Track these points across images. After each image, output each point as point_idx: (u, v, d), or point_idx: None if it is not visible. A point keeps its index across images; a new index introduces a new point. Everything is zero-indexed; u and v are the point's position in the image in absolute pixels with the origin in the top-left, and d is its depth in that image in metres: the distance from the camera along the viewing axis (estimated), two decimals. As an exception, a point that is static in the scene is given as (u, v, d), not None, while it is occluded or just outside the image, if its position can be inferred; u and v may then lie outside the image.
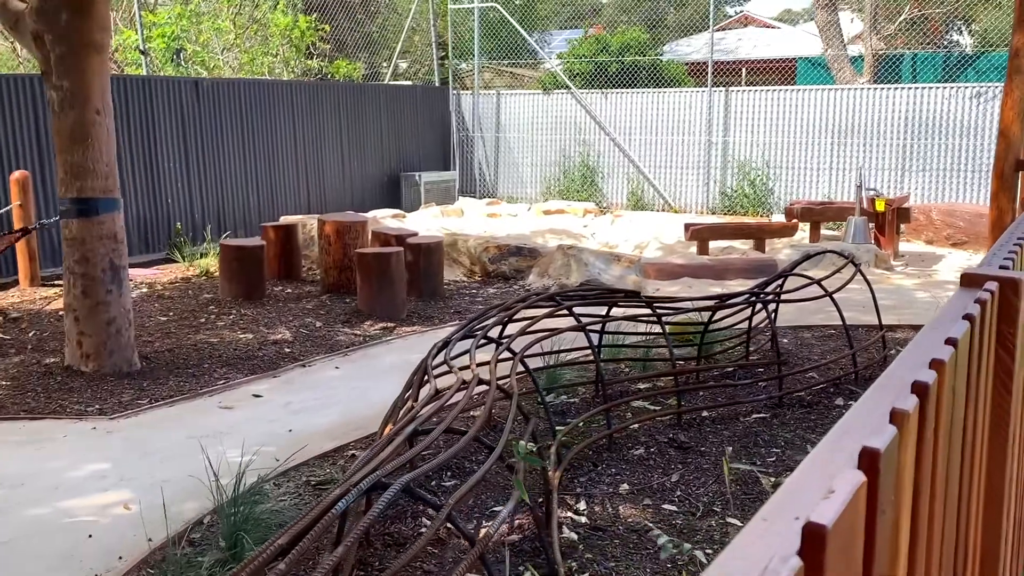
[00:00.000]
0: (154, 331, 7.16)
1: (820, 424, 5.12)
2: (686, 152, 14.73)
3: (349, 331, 7.36)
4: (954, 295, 1.85)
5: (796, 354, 6.66)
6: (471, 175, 16.41)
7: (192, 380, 6.03)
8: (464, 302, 8.57)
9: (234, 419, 5.35)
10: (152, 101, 11.08)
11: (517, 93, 16.20)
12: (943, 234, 11.52)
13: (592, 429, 4.99)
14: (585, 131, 15.43)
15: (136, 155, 10.91)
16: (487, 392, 3.42)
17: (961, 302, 1.79)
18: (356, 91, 14.28)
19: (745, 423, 5.14)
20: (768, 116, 14.07)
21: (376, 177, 14.63)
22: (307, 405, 5.60)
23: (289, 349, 6.77)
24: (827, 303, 6.92)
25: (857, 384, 5.82)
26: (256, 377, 6.14)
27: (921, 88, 13.04)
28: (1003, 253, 2.17)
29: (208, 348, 6.72)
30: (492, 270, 9.60)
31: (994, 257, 2.14)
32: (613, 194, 15.31)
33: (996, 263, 2.04)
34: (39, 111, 9.79)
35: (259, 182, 12.58)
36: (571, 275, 9.18)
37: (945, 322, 1.68)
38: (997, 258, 2.11)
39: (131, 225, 10.85)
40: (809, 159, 13.85)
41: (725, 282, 9.50)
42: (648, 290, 9.11)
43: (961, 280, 1.90)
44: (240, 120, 12.25)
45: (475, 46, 16.15)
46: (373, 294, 7.77)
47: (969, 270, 1.90)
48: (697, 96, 14.64)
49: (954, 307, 1.77)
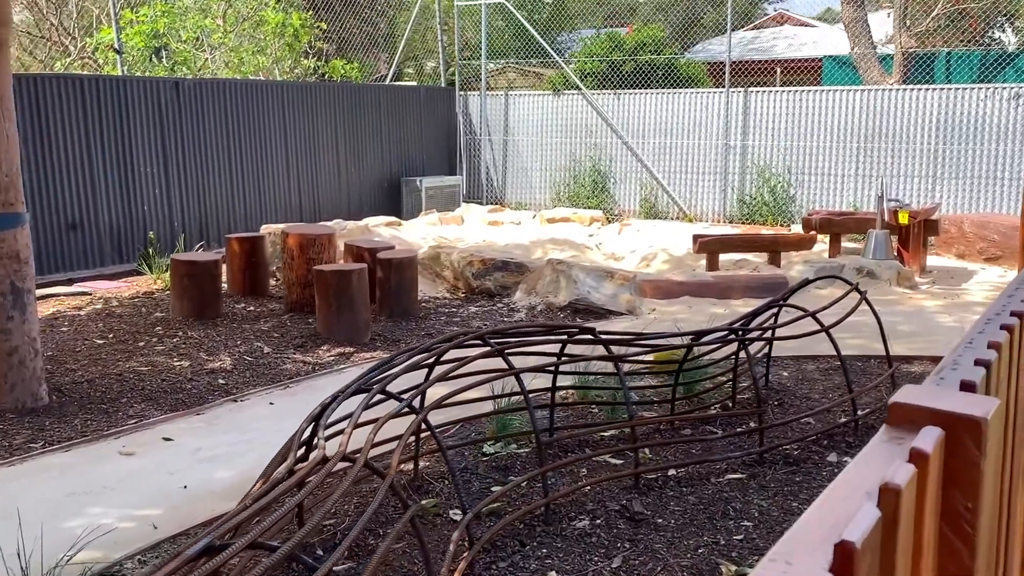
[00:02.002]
0: (83, 357, 6.51)
1: (806, 488, 4.32)
2: (702, 157, 13.88)
3: (300, 358, 6.66)
4: (872, 443, 1.10)
5: (793, 392, 5.85)
6: (478, 180, 15.68)
7: (103, 418, 5.36)
8: (439, 323, 7.85)
9: (130, 469, 4.67)
10: (128, 102, 10.48)
11: (526, 94, 15.44)
12: (976, 248, 10.59)
13: (537, 490, 4.25)
14: (597, 134, 14.64)
15: (109, 159, 10.32)
16: (346, 474, 2.71)
17: (877, 461, 1.04)
18: (354, 92, 13.62)
19: (716, 485, 4.36)
20: (790, 119, 13.18)
21: (375, 182, 13.95)
22: (219, 452, 4.90)
23: (224, 380, 6.09)
24: (837, 327, 6.05)
25: (857, 434, 5.00)
26: (176, 415, 5.46)
27: (955, 89, 12.09)
28: (976, 349, 1.39)
29: (134, 378, 6.05)
30: (476, 286, 8.87)
31: (960, 357, 1.36)
32: (625, 201, 14.50)
33: (957, 374, 1.27)
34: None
35: (246, 188, 11.96)
36: (559, 293, 8.42)
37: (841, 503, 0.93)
38: (963, 361, 1.33)
39: (103, 233, 10.28)
40: (833, 165, 12.95)
41: (729, 302, 8.68)
42: (643, 311, 8.34)
43: (889, 415, 1.14)
44: (225, 122, 11.63)
45: (482, 45, 15.41)
46: (332, 315, 7.07)
47: (904, 397, 1.14)
48: (714, 97, 13.78)
49: (862, 474, 1.02)
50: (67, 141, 9.91)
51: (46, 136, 9.70)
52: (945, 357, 1.38)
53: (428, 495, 4.22)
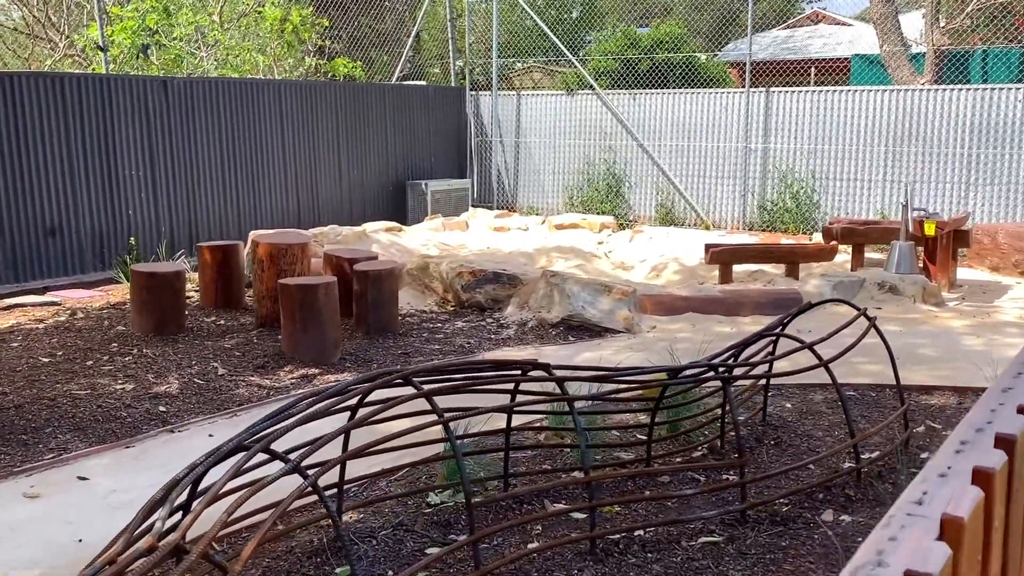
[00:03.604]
0: (20, 378, 6.01)
1: (792, 555, 3.69)
2: (721, 160, 13.19)
3: (257, 381, 6.12)
4: None
5: (794, 428, 5.21)
6: (488, 183, 15.09)
7: (19, 451, 4.85)
8: (419, 340, 7.27)
9: (28, 515, 4.14)
10: (112, 102, 10.02)
11: (539, 94, 14.83)
12: (1011, 260, 9.82)
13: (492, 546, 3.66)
14: (611, 135, 13.99)
15: (92, 162, 9.86)
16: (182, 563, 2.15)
17: None
18: (357, 91, 13.09)
19: (688, 550, 3.74)
20: (814, 120, 12.46)
21: (379, 185, 13.41)
22: (134, 495, 4.36)
23: (166, 407, 5.55)
24: (855, 348, 5.29)
25: (859, 486, 4.35)
26: (102, 448, 4.93)
27: (991, 89, 11.30)
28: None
29: (67, 404, 5.53)
30: (466, 299, 8.28)
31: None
32: (640, 206, 13.84)
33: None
34: None
35: (239, 191, 11.47)
36: (553, 308, 7.81)
37: None
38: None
39: (85, 238, 9.83)
40: (860, 170, 12.20)
41: (737, 319, 8.02)
42: (642, 328, 7.71)
43: None
44: (217, 123, 11.14)
45: (493, 42, 14.81)
46: (297, 333, 6.52)
47: None
48: (734, 97, 13.09)
49: None
50: (46, 143, 9.47)
51: (23, 137, 9.26)
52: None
53: (347, 559, 3.64)
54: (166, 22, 11.82)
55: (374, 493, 4.33)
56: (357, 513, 4.09)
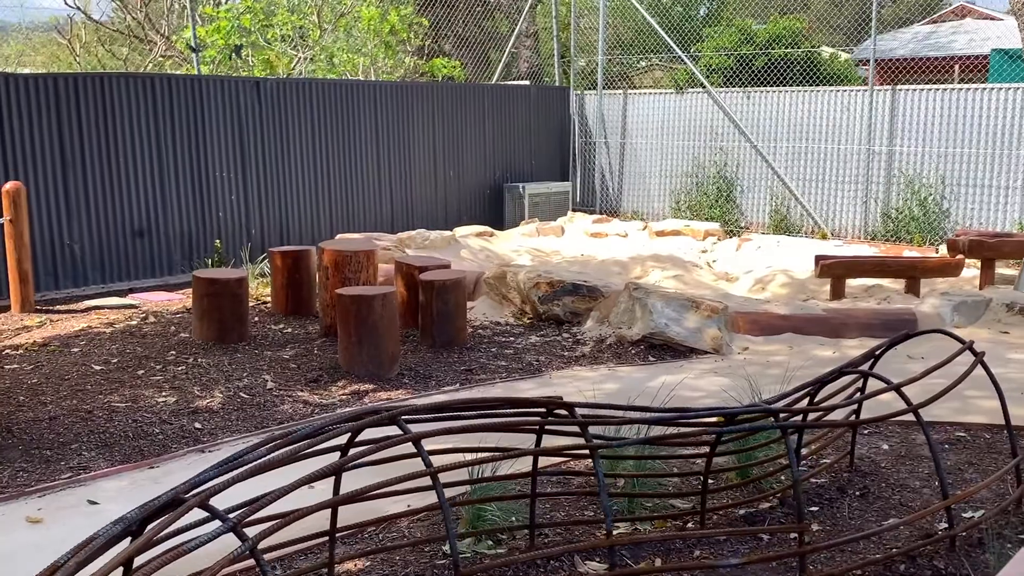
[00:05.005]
0: (66, 388, 5.85)
1: (857, 647, 3.05)
2: (842, 164, 12.26)
3: (305, 396, 5.79)
4: None
5: (886, 476, 4.50)
6: (591, 187, 14.53)
7: (39, 468, 4.63)
8: (487, 356, 6.82)
9: (25, 542, 3.89)
10: (203, 104, 9.98)
11: (646, 93, 14.18)
12: None
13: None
14: (722, 136, 13.23)
15: (182, 163, 9.84)
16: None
17: None
18: (455, 92, 12.76)
19: (730, 632, 3.15)
20: (945, 121, 11.41)
21: (476, 188, 13.05)
22: (138, 525, 4.05)
23: (202, 424, 5.27)
24: (969, 379, 4.41)
25: (952, 556, 3.64)
26: (124, 467, 4.67)
27: None
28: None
29: (103, 417, 5.32)
30: (543, 311, 7.79)
31: None
32: (753, 212, 13.03)
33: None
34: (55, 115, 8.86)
35: (331, 194, 11.29)
36: (634, 323, 7.23)
37: None
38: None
39: (173, 240, 9.81)
40: (996, 176, 11.10)
41: (842, 342, 7.25)
42: (732, 349, 7.05)
43: None
44: (310, 125, 10.99)
45: (599, 41, 14.24)
46: (353, 347, 6.17)
47: None
48: (856, 96, 12.14)
49: None
50: (137, 143, 9.47)
51: (115, 138, 9.28)
52: None
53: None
54: (262, 23, 11.79)
55: (390, 536, 3.91)
56: (363, 561, 3.66)
